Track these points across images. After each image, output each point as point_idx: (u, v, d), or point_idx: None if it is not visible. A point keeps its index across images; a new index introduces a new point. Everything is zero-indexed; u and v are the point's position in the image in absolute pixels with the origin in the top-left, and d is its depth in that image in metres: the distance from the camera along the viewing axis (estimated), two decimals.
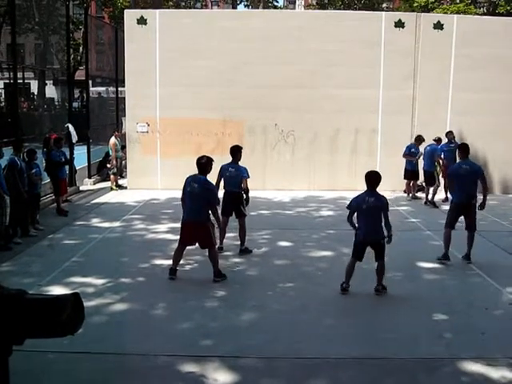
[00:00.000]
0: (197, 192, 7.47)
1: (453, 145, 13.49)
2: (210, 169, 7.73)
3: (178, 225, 9.91)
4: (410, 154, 13.66)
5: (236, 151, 8.97)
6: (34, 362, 5.03)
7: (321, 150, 15.04)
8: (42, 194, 11.82)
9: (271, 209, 12.69)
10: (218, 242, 8.43)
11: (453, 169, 9.19)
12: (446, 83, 14.79)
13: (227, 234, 9.17)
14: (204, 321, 6.25)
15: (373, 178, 7.15)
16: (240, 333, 5.96)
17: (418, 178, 14.13)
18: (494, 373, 5.03)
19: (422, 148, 13.64)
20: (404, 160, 13.89)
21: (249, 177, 8.84)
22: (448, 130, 14.01)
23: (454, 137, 13.71)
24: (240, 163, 8.97)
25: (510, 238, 10.24)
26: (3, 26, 15.50)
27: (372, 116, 14.86)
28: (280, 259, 8.72)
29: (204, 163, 7.63)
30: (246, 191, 8.85)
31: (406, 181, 14.24)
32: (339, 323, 6.27)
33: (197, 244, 7.78)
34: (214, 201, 7.60)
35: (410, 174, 13.98)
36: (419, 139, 13.59)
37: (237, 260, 8.65)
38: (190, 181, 7.61)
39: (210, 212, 7.57)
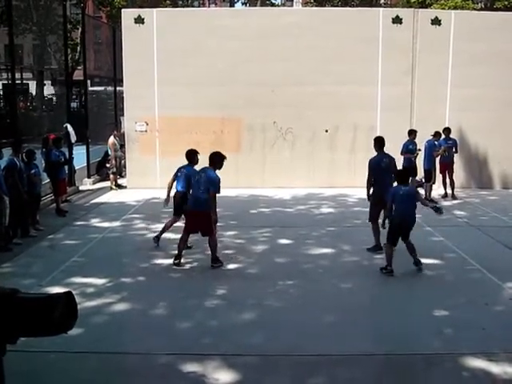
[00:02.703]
0: (202, 181, 8.03)
1: (451, 141, 13.47)
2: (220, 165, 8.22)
3: (179, 223, 9.94)
4: (408, 151, 13.59)
5: (192, 155, 8.96)
6: (36, 362, 5.06)
7: (319, 147, 15.03)
8: (42, 195, 11.82)
9: (271, 206, 12.68)
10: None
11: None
12: (444, 79, 14.77)
13: (229, 233, 9.22)
14: (204, 319, 6.26)
15: None
16: (240, 331, 5.96)
17: (416, 175, 14.08)
18: (495, 368, 5.03)
19: (417, 140, 13.45)
20: (401, 157, 13.82)
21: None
22: (446, 126, 13.92)
23: (449, 133, 13.58)
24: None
25: (510, 233, 10.24)
26: (0, 26, 15.48)
27: (370, 112, 14.85)
28: (280, 257, 8.73)
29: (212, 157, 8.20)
30: None
31: None
32: (339, 320, 6.26)
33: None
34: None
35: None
36: (412, 132, 13.36)
37: (236, 258, 8.67)
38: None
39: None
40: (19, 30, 15.80)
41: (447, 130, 13.56)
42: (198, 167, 8.64)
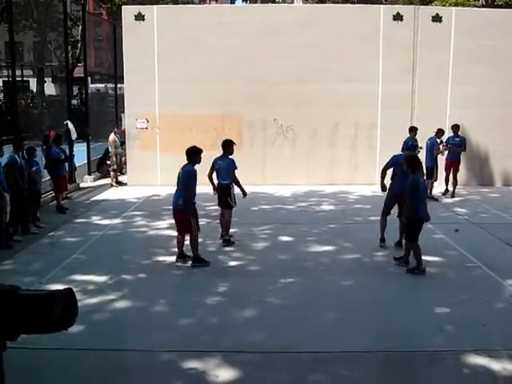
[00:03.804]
0: (180, 179, 7.99)
1: (458, 139, 13.38)
2: (197, 159, 8.09)
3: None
4: (409, 148, 13.52)
5: (228, 145, 9.08)
6: (37, 359, 5.06)
7: (320, 145, 15.02)
8: (42, 192, 11.81)
9: (272, 203, 12.68)
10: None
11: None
12: (445, 76, 14.74)
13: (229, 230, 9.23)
14: (205, 316, 6.26)
15: None
16: (241, 328, 5.96)
17: None
18: (495, 365, 5.04)
19: (418, 138, 13.36)
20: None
21: (236, 168, 9.13)
22: (454, 123, 13.64)
23: (457, 130, 13.49)
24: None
25: (511, 230, 10.23)
26: (1, 23, 15.48)
27: (371, 110, 14.82)
28: (281, 254, 8.72)
29: (189, 152, 8.08)
30: (236, 182, 9.13)
31: None
32: (340, 318, 6.27)
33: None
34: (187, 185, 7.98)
35: None
36: (413, 129, 13.28)
37: (237, 255, 8.66)
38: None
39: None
40: (20, 27, 15.81)
41: (455, 127, 13.44)
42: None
